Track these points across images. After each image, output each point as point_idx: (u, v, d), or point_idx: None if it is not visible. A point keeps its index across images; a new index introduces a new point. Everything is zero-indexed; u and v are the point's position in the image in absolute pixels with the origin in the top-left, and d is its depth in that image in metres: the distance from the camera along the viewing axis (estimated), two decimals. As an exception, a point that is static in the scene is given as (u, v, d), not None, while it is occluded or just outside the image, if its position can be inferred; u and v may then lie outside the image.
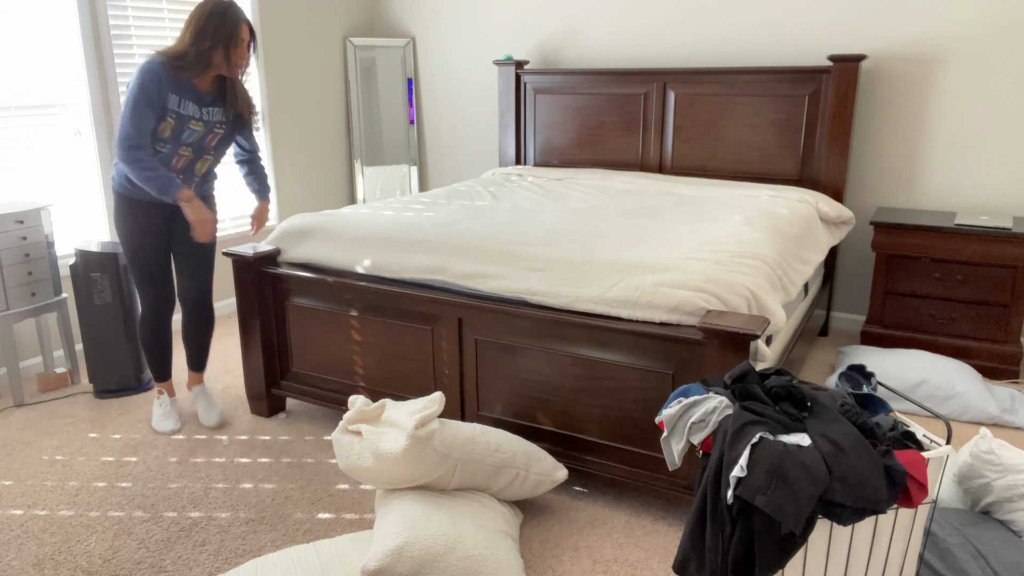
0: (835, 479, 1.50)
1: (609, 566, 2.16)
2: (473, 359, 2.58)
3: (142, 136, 2.60)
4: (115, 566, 2.17)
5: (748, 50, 4.03)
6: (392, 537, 1.92)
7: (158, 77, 2.60)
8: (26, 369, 3.53)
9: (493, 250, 2.59)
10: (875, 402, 1.77)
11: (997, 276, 3.33)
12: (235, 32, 2.65)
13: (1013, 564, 1.87)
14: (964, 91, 3.60)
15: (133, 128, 2.58)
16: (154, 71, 2.60)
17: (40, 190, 3.51)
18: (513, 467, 2.25)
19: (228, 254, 2.93)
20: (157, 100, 2.60)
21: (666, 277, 2.30)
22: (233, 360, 3.73)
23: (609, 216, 3.09)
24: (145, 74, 2.58)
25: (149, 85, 2.58)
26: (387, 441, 2.08)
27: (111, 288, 3.19)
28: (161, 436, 2.94)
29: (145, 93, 2.58)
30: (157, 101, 2.61)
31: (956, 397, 3.01)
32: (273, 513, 2.43)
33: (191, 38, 2.63)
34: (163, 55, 2.63)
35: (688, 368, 2.21)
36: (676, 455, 1.74)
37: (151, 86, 2.58)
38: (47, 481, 2.62)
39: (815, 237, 3.21)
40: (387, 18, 5.14)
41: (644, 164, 4.27)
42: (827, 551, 1.63)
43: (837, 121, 3.68)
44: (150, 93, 2.58)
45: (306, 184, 4.86)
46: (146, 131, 2.61)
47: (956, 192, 3.72)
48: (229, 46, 2.65)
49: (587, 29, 4.45)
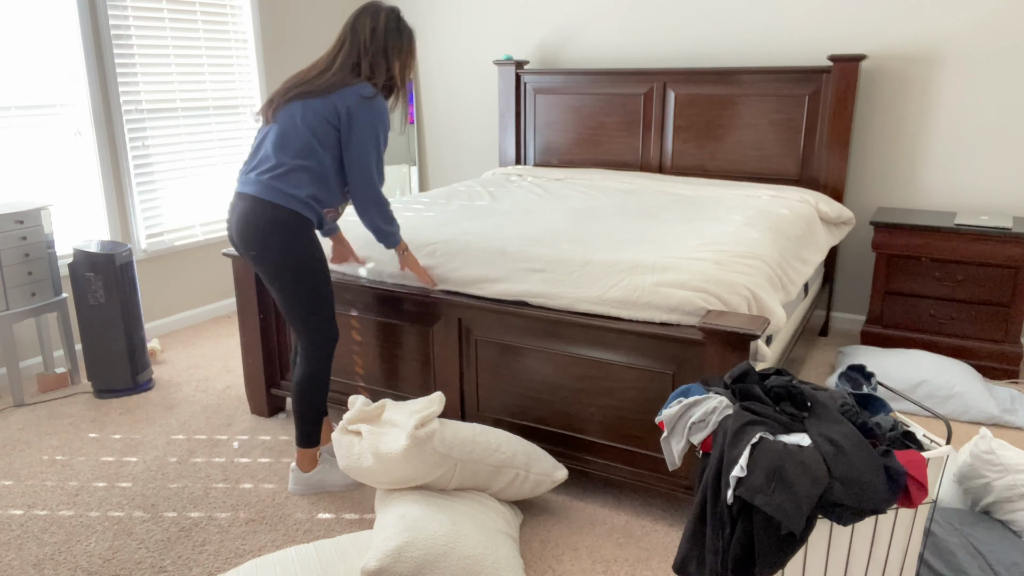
0: (835, 479, 1.50)
1: (609, 566, 2.16)
2: (473, 359, 2.58)
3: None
4: (115, 566, 2.17)
5: (748, 50, 4.03)
6: (392, 537, 1.92)
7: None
8: (26, 369, 3.53)
9: (493, 251, 2.59)
10: (875, 402, 1.77)
11: (997, 276, 3.33)
12: (412, 41, 2.42)
13: (1013, 564, 1.87)
14: (964, 91, 3.60)
15: (382, 170, 2.38)
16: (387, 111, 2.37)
17: (40, 190, 3.51)
18: (513, 467, 2.25)
19: (228, 254, 2.93)
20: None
21: (666, 277, 2.30)
22: (233, 360, 3.73)
23: (609, 216, 3.09)
24: (387, 117, 2.34)
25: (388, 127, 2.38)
26: (387, 441, 2.08)
27: (104, 289, 3.19)
28: (161, 436, 2.94)
29: (385, 135, 2.36)
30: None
31: (956, 397, 3.01)
32: (273, 513, 2.43)
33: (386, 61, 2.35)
34: (376, 86, 2.35)
35: (688, 368, 2.21)
36: (676, 455, 1.74)
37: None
38: (47, 481, 2.62)
39: (815, 237, 3.21)
40: (387, 18, 5.13)
41: (644, 164, 4.27)
42: (827, 551, 1.63)
43: (837, 121, 3.68)
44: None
45: (306, 184, 4.85)
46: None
47: (956, 192, 3.72)
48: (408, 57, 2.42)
49: (587, 29, 4.45)
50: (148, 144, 3.92)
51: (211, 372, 3.58)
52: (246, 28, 4.35)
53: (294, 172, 2.26)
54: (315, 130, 2.27)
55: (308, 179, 2.27)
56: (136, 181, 3.88)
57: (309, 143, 2.27)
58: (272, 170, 2.27)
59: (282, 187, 2.25)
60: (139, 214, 3.91)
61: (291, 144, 2.27)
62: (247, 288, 2.95)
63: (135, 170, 3.87)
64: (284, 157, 2.27)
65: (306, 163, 2.27)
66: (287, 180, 2.25)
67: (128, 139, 3.82)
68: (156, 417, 3.11)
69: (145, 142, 3.90)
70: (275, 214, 2.24)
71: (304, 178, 2.27)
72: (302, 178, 2.27)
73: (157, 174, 3.99)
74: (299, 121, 2.27)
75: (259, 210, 2.25)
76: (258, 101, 4.45)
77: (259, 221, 2.25)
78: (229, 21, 4.25)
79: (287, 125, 2.28)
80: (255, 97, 4.45)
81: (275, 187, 2.25)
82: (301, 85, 2.30)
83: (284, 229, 2.25)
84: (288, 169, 2.26)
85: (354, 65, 2.32)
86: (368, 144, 2.29)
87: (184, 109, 4.07)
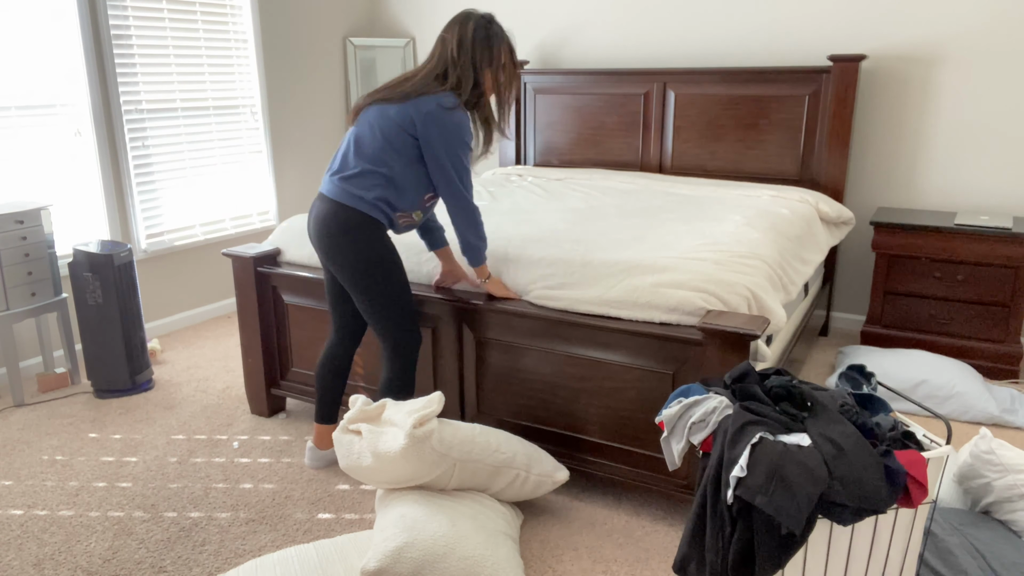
0: (835, 479, 1.50)
1: (609, 566, 2.16)
2: (473, 359, 2.58)
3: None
4: (115, 566, 2.17)
5: (748, 50, 4.03)
6: (392, 538, 1.92)
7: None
8: (26, 369, 3.53)
9: (493, 251, 2.59)
10: (875, 402, 1.77)
11: (997, 276, 3.33)
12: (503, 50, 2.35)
13: (1013, 564, 1.87)
14: (964, 91, 3.60)
15: (466, 181, 2.31)
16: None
17: (40, 190, 3.51)
18: (513, 467, 2.25)
19: (228, 254, 2.93)
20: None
21: (666, 277, 2.30)
22: (233, 360, 3.73)
23: (609, 216, 3.09)
24: (465, 129, 2.28)
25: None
26: (386, 440, 2.08)
27: (104, 289, 3.19)
28: (161, 436, 2.94)
29: (464, 147, 2.31)
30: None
31: (956, 397, 3.01)
32: (273, 513, 2.43)
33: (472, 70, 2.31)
34: (460, 96, 2.31)
35: (688, 368, 2.21)
36: (676, 455, 1.74)
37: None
38: (47, 481, 2.62)
39: (815, 237, 3.21)
40: (387, 18, 5.14)
41: (644, 164, 4.27)
42: (827, 551, 1.63)
43: (837, 121, 3.68)
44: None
45: (306, 184, 4.86)
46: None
47: (956, 192, 3.72)
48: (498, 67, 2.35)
49: (587, 29, 4.45)
50: (148, 144, 3.92)
51: (211, 372, 3.58)
52: (246, 28, 4.35)
53: (365, 175, 2.28)
54: (388, 135, 2.27)
55: (378, 182, 2.28)
56: (136, 181, 3.88)
57: (382, 148, 2.27)
58: (345, 172, 2.30)
59: (351, 189, 2.27)
60: (139, 214, 3.91)
61: (365, 148, 2.29)
62: (247, 288, 2.95)
63: (135, 170, 3.87)
64: (358, 161, 2.29)
65: (377, 167, 2.27)
66: (357, 182, 2.28)
67: (128, 139, 3.82)
68: (156, 417, 3.11)
69: (145, 142, 3.90)
70: (345, 215, 2.27)
71: (374, 181, 2.27)
72: (372, 181, 2.27)
73: (157, 174, 3.99)
74: (374, 126, 2.29)
75: (331, 211, 2.29)
76: (258, 101, 4.46)
77: (330, 222, 2.29)
78: (229, 21, 4.25)
79: (363, 130, 2.31)
80: (255, 97, 4.45)
81: (345, 189, 2.28)
82: (383, 91, 2.31)
83: (354, 230, 2.27)
84: (360, 172, 2.28)
85: (439, 75, 2.30)
86: (441, 154, 2.26)
87: (184, 109, 4.07)
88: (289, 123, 4.67)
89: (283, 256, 3.01)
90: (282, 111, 4.61)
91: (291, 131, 4.69)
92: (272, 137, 4.57)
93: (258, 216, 4.58)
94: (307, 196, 4.87)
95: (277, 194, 4.66)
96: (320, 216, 2.32)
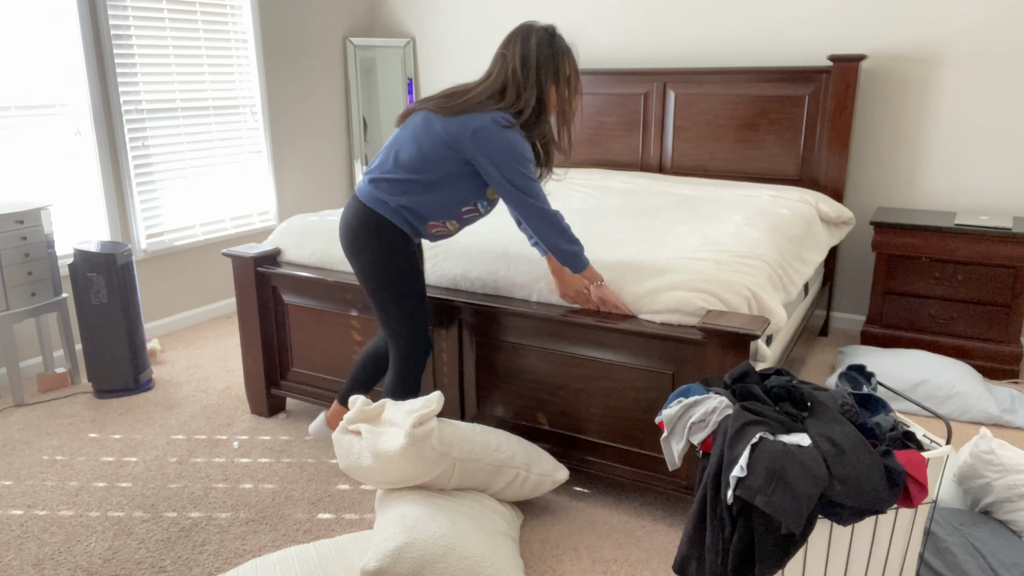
0: (835, 479, 1.50)
1: (609, 566, 2.16)
2: (473, 359, 2.58)
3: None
4: (115, 566, 2.17)
5: (748, 50, 4.03)
6: (392, 538, 1.92)
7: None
8: (26, 369, 3.53)
9: (493, 251, 2.59)
10: (875, 402, 1.77)
11: (997, 276, 3.33)
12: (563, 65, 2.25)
13: (1013, 564, 1.87)
14: (964, 91, 3.60)
15: (531, 190, 2.20)
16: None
17: (40, 190, 3.51)
18: (513, 467, 2.25)
19: (228, 254, 2.93)
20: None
21: (666, 277, 2.30)
22: (233, 360, 3.73)
23: (609, 216, 3.09)
24: (518, 146, 2.17)
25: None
26: (386, 440, 2.08)
27: (104, 289, 3.19)
28: (161, 436, 2.94)
29: (517, 162, 2.19)
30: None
31: (956, 397, 3.01)
32: (273, 513, 2.43)
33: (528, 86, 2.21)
34: (520, 114, 2.22)
35: (688, 368, 2.21)
36: (676, 455, 1.74)
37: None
38: (47, 481, 2.62)
39: (815, 237, 3.21)
40: (387, 18, 5.14)
41: (644, 164, 4.27)
42: (827, 551, 1.63)
43: (837, 121, 3.68)
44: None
45: (306, 184, 4.86)
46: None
47: (956, 192, 3.72)
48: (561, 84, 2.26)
49: (587, 29, 4.45)
50: (148, 144, 3.92)
51: (211, 372, 3.58)
52: (246, 28, 4.35)
53: (393, 182, 2.23)
54: (423, 145, 2.20)
55: (405, 190, 2.23)
56: (136, 181, 3.88)
57: (417, 157, 2.21)
58: (376, 175, 2.27)
59: (377, 192, 2.25)
60: (139, 214, 3.91)
61: (402, 154, 2.25)
62: (247, 288, 2.95)
63: (135, 170, 3.87)
64: (391, 165, 2.26)
65: (408, 175, 2.22)
66: (384, 187, 2.24)
67: (128, 139, 3.82)
68: (156, 417, 3.11)
69: (145, 142, 3.90)
70: (366, 216, 2.25)
71: (402, 188, 2.23)
72: (400, 188, 2.23)
73: (157, 174, 3.99)
74: (415, 133, 2.23)
75: (355, 211, 2.28)
76: (258, 101, 4.46)
77: (352, 221, 2.28)
78: (229, 21, 4.25)
79: (404, 135, 2.26)
80: (255, 97, 4.45)
81: (371, 192, 2.25)
82: (437, 99, 2.23)
83: (373, 233, 2.24)
84: (389, 177, 2.24)
85: (496, 92, 2.20)
86: (496, 171, 2.16)
87: (184, 109, 4.07)
88: (289, 123, 4.67)
89: (283, 256, 3.01)
90: (282, 111, 4.61)
91: (291, 131, 4.69)
92: (272, 137, 4.57)
93: (258, 216, 4.59)
94: (307, 196, 4.87)
95: (277, 194, 4.66)
96: (346, 214, 2.32)
